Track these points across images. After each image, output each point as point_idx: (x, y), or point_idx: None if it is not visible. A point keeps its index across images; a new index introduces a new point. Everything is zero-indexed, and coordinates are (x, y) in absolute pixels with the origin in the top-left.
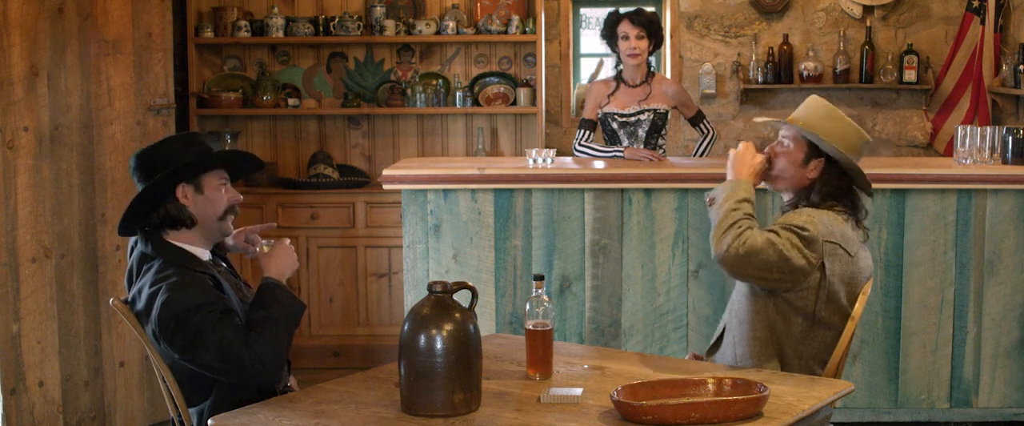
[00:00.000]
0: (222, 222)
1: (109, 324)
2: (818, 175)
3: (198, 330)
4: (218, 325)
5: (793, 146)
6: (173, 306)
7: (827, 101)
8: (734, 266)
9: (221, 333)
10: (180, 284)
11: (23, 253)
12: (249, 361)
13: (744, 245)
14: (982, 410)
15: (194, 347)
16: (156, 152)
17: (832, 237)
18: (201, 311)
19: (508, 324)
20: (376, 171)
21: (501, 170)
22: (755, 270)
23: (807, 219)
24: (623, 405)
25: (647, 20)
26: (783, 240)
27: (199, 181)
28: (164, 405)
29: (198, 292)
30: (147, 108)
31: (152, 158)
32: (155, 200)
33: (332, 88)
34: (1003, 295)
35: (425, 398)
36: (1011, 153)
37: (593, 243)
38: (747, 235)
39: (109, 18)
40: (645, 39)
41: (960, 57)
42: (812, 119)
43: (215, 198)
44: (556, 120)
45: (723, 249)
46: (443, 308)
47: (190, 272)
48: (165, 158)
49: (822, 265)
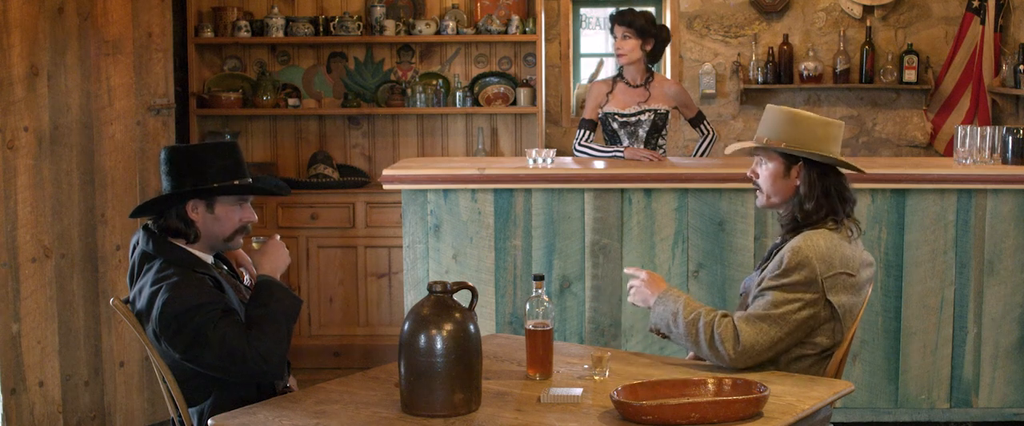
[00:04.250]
0: (228, 242)
1: (109, 324)
2: (802, 179)
3: (199, 329)
4: (219, 324)
5: (770, 162)
6: (174, 306)
7: (783, 106)
8: (752, 362)
9: (222, 332)
10: (181, 284)
11: (23, 253)
12: (252, 358)
13: (739, 345)
14: (982, 410)
15: (196, 346)
16: (188, 155)
17: (831, 270)
18: (202, 311)
19: (508, 324)
20: (376, 171)
21: (501, 170)
22: (774, 352)
23: (801, 260)
24: (623, 405)
25: (631, 20)
26: (777, 306)
27: (213, 200)
28: (164, 405)
29: (198, 292)
30: (147, 108)
31: (182, 160)
32: (165, 204)
33: (332, 88)
34: (1003, 295)
35: (425, 398)
36: (1011, 153)
37: (593, 243)
38: (727, 332)
39: (109, 18)
40: (631, 39)
41: (960, 57)
42: (775, 130)
43: (226, 218)
44: (556, 120)
45: (726, 360)
46: (443, 308)
47: (190, 272)
48: (194, 164)
49: (828, 303)
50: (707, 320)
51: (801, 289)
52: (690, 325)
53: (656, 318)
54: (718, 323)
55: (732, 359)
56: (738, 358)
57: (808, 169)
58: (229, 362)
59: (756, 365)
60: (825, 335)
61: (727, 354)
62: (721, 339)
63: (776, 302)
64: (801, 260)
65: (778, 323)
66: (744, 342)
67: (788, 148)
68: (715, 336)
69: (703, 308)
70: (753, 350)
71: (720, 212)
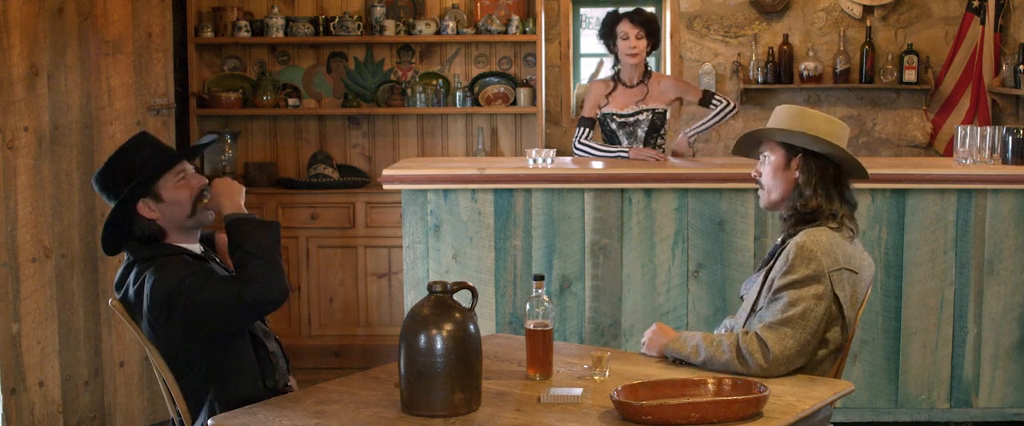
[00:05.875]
0: (194, 217)
1: (109, 324)
2: (801, 171)
3: (191, 299)
4: (206, 285)
5: (772, 155)
6: (162, 287)
7: (793, 105)
8: (786, 369)
9: (210, 291)
10: (163, 266)
11: (23, 253)
12: (250, 299)
13: (769, 354)
14: (982, 410)
15: (194, 317)
16: (109, 167)
17: (836, 264)
18: (187, 281)
19: (508, 324)
20: (376, 171)
21: (501, 170)
22: (805, 356)
23: (807, 255)
24: (623, 405)
25: (646, 20)
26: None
27: (155, 190)
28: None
29: (181, 268)
30: (147, 108)
31: (111, 176)
32: (123, 221)
33: (332, 88)
34: (1003, 295)
35: (425, 398)
36: (1011, 153)
37: (593, 243)
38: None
39: (109, 18)
40: (644, 39)
41: (960, 57)
42: (779, 122)
43: (177, 198)
44: (556, 120)
45: (759, 372)
46: (443, 308)
47: (168, 258)
48: (118, 172)
49: (835, 296)
50: (731, 341)
51: (812, 282)
52: (715, 349)
53: (675, 356)
54: (742, 339)
55: (765, 369)
56: (771, 367)
57: (807, 160)
58: (230, 315)
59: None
60: (835, 331)
61: (759, 365)
62: (749, 352)
63: (792, 302)
64: (807, 254)
65: (800, 324)
66: (773, 350)
67: (791, 134)
68: (743, 351)
69: (724, 334)
70: (783, 356)
71: (720, 212)
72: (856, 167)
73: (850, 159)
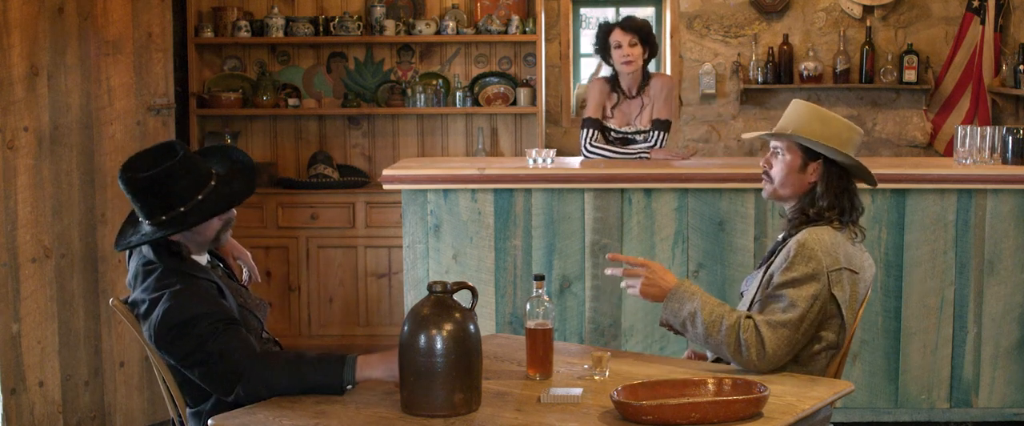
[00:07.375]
0: (215, 242)
1: (109, 324)
2: (818, 178)
3: (201, 340)
4: (221, 336)
5: (788, 154)
6: (175, 315)
7: (809, 102)
8: (775, 367)
9: (224, 344)
10: (183, 293)
11: (23, 253)
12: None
13: (765, 352)
14: (982, 410)
15: (194, 355)
16: (150, 184)
17: (836, 263)
18: (203, 322)
19: (508, 324)
20: (376, 171)
21: (501, 170)
22: (793, 353)
23: (807, 253)
24: (623, 405)
25: (637, 26)
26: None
27: None
28: (164, 405)
29: (201, 301)
30: (147, 108)
31: (146, 190)
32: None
33: (332, 88)
34: (1003, 295)
35: (425, 398)
36: (1011, 153)
37: (593, 243)
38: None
39: (109, 18)
40: (638, 46)
41: (960, 57)
42: (802, 124)
43: (205, 227)
44: (556, 120)
45: (751, 366)
46: (443, 308)
47: (193, 279)
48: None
49: (833, 296)
50: (730, 324)
51: (810, 281)
52: (711, 327)
53: (670, 315)
54: (743, 327)
55: (757, 365)
56: (762, 366)
57: (827, 167)
58: (222, 378)
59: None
60: (832, 330)
61: (752, 360)
62: (747, 345)
63: (793, 301)
64: (808, 253)
65: (796, 326)
66: (769, 350)
67: (820, 143)
68: (741, 342)
69: (724, 309)
70: (776, 357)
71: (720, 212)
72: (869, 177)
73: (866, 170)
